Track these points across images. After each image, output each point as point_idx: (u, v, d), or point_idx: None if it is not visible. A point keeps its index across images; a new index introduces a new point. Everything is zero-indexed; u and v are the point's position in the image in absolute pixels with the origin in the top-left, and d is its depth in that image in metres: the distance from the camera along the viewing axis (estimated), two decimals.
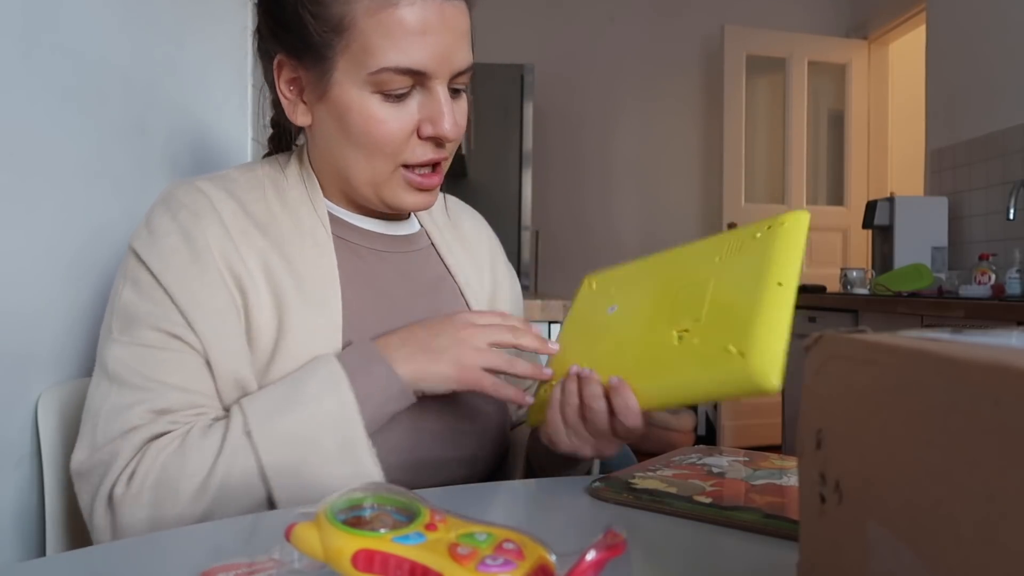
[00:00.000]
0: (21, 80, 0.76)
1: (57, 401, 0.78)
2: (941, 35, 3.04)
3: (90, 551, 0.52)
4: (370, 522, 0.37)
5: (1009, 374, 0.20)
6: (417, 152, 0.69)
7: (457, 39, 0.67)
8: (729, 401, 3.76)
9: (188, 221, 0.67)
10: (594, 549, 0.33)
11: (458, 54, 0.67)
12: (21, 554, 0.75)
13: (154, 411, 0.63)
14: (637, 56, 4.01)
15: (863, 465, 0.28)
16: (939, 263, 2.79)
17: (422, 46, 0.65)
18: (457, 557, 0.34)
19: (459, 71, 0.68)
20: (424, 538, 0.36)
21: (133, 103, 1.02)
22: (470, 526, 0.37)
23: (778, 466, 0.67)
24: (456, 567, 0.34)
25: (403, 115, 0.67)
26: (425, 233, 0.85)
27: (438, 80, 0.67)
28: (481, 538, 0.36)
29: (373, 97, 0.67)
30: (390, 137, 0.67)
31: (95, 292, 0.90)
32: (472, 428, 0.75)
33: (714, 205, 3.94)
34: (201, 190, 0.70)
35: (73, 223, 0.86)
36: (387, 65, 0.65)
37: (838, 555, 0.30)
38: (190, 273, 0.66)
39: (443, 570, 0.34)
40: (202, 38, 1.29)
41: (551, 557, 0.35)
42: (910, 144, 3.68)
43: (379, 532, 0.36)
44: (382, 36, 0.64)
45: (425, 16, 0.64)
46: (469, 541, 0.36)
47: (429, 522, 0.37)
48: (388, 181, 0.71)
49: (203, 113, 1.31)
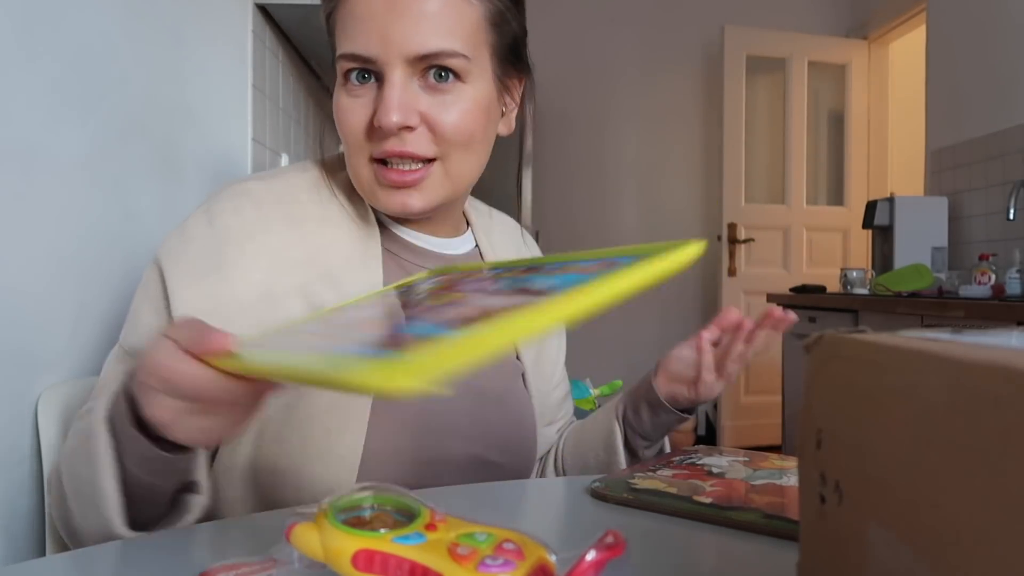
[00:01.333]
0: (21, 80, 0.76)
1: (57, 401, 0.78)
2: (941, 35, 3.04)
3: (90, 551, 0.52)
4: (370, 522, 0.37)
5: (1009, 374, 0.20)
6: (375, 144, 0.66)
7: (413, 22, 0.63)
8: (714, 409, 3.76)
9: (225, 227, 0.67)
10: (594, 549, 0.33)
11: (411, 36, 0.63)
12: (21, 554, 0.75)
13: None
14: (637, 56, 4.01)
15: (863, 465, 0.28)
16: (939, 263, 2.79)
17: (367, 32, 0.64)
18: (457, 557, 0.34)
19: (419, 54, 0.63)
20: (424, 538, 0.36)
21: (133, 103, 1.02)
22: (470, 526, 0.37)
23: (778, 466, 0.67)
24: (456, 567, 0.34)
25: (361, 105, 0.66)
26: (479, 252, 0.83)
27: (389, 66, 0.64)
28: (481, 538, 0.36)
29: (341, 90, 0.67)
30: (349, 127, 0.67)
31: (95, 292, 0.90)
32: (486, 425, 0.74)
33: (714, 205, 3.94)
34: (249, 193, 0.69)
35: (73, 223, 0.86)
36: (340, 52, 0.66)
37: (838, 555, 0.30)
38: (203, 286, 0.65)
39: (443, 570, 0.34)
40: (202, 38, 1.29)
41: (551, 557, 0.35)
42: (910, 144, 3.68)
43: (379, 532, 0.36)
44: (341, 27, 0.66)
45: (374, 3, 0.64)
46: (469, 541, 0.35)
47: (429, 522, 0.37)
48: (367, 178, 0.69)
49: (203, 113, 1.31)
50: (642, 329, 3.91)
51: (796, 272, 3.79)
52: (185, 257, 0.66)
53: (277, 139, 1.76)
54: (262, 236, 0.67)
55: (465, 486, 0.66)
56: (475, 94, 0.67)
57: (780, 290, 3.33)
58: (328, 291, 0.68)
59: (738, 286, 3.75)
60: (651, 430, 0.81)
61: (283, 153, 1.79)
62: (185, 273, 0.66)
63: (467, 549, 0.35)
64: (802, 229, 3.83)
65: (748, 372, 3.79)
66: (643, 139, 4.06)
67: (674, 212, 4.09)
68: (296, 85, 1.93)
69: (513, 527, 0.37)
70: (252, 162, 1.56)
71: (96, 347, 0.89)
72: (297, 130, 1.95)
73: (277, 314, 0.65)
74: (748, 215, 3.75)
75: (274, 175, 0.73)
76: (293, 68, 1.89)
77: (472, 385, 0.73)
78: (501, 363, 0.79)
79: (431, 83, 0.65)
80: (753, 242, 3.76)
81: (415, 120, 0.65)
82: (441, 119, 0.66)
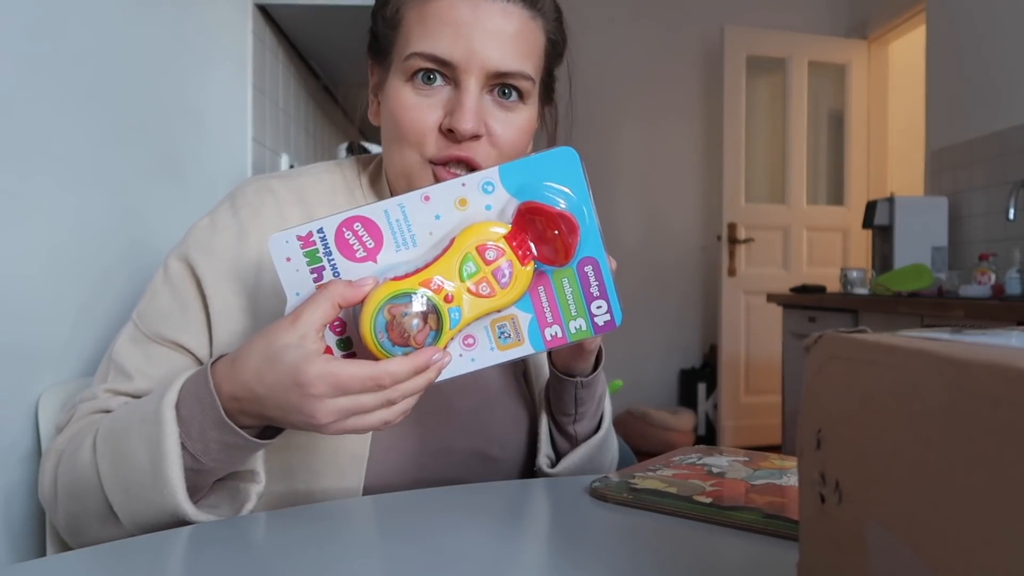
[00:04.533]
0: (21, 80, 0.76)
1: (57, 401, 0.78)
2: (941, 35, 3.04)
3: (90, 551, 0.52)
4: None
5: (1009, 374, 0.20)
6: (442, 146, 0.68)
7: (496, 39, 0.66)
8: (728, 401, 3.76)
9: (248, 220, 0.70)
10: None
11: (491, 53, 0.66)
12: (21, 554, 0.75)
13: (118, 392, 0.67)
14: (637, 56, 4.01)
15: (863, 465, 0.28)
16: (939, 263, 2.79)
17: (452, 37, 0.66)
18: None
19: (496, 71, 0.67)
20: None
21: (134, 103, 1.02)
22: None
23: (778, 466, 0.67)
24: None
25: (429, 106, 0.67)
26: None
27: (468, 75, 0.66)
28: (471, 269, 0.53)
29: (406, 86, 0.68)
30: (412, 125, 0.67)
31: (95, 292, 0.90)
32: (487, 420, 0.76)
33: (714, 205, 3.94)
34: (271, 190, 0.72)
35: (73, 223, 0.86)
36: (415, 50, 0.66)
37: (838, 555, 0.30)
38: (225, 270, 0.68)
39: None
40: (202, 38, 1.29)
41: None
42: (910, 144, 3.67)
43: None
44: (419, 25, 0.67)
45: (461, 10, 0.66)
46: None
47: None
48: (419, 176, 0.70)
49: (203, 113, 1.31)
50: (642, 329, 3.91)
51: (796, 272, 3.79)
52: (212, 244, 0.69)
53: (277, 139, 1.76)
54: (281, 218, 0.70)
55: (467, 486, 0.66)
56: (529, 115, 0.72)
57: (780, 290, 3.33)
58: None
59: (738, 286, 3.75)
60: (567, 403, 0.77)
61: (283, 153, 1.79)
62: (215, 261, 0.68)
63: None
64: (802, 229, 3.83)
65: (748, 372, 3.79)
66: (643, 139, 4.06)
67: (674, 212, 4.09)
68: (296, 85, 1.93)
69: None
70: (252, 162, 1.56)
71: (96, 347, 0.89)
72: (297, 130, 1.95)
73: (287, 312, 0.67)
74: (748, 215, 3.75)
75: (298, 174, 0.76)
76: (293, 68, 1.89)
77: (475, 382, 0.75)
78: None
79: (497, 98, 0.69)
80: (753, 242, 3.76)
81: (483, 130, 0.68)
82: (503, 134, 0.69)
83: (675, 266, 4.09)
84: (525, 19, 0.68)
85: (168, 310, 0.68)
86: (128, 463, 0.57)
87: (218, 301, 0.67)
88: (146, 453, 0.56)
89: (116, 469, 0.58)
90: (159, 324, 0.68)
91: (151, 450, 0.55)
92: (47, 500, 0.64)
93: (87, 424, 0.64)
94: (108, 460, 0.58)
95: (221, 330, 0.67)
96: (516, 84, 0.69)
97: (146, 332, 0.68)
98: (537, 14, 0.70)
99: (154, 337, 0.68)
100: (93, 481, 0.59)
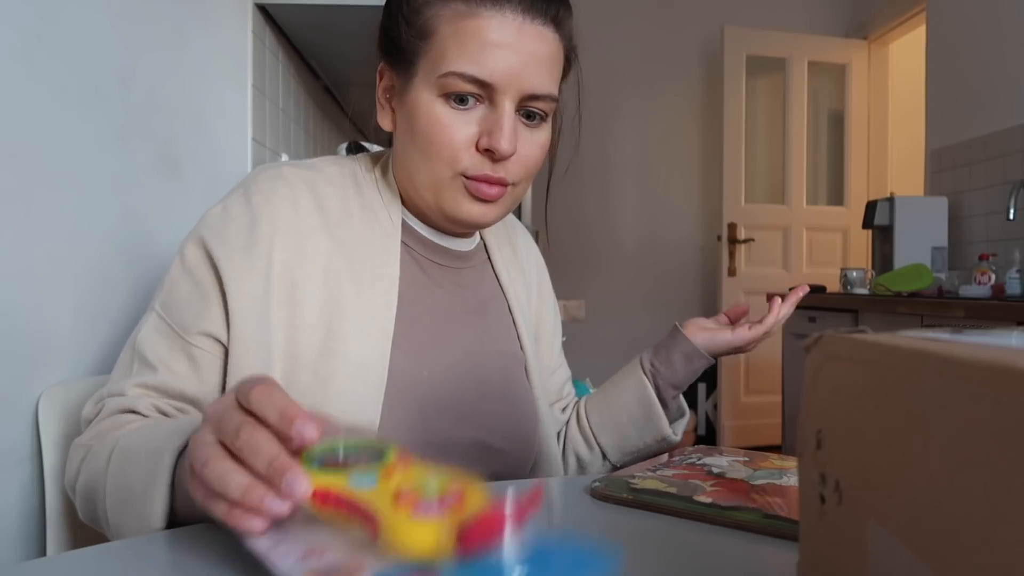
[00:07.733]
0: (21, 80, 0.76)
1: (57, 401, 0.78)
2: (941, 35, 3.04)
3: (90, 551, 0.52)
4: (343, 465, 0.41)
5: (1009, 374, 0.20)
6: (476, 163, 0.69)
7: (532, 62, 0.68)
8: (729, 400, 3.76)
9: (260, 206, 0.70)
10: (509, 503, 0.36)
11: (530, 77, 0.68)
12: (21, 554, 0.75)
13: (145, 386, 0.67)
14: (637, 56, 4.01)
15: (863, 465, 0.28)
16: (939, 263, 2.79)
17: (492, 58, 0.66)
18: (397, 501, 0.37)
19: (530, 94, 0.68)
20: (375, 482, 0.39)
21: (133, 103, 1.02)
22: (428, 474, 0.40)
23: (778, 466, 0.67)
24: (392, 510, 0.37)
25: (464, 123, 0.68)
26: (484, 248, 0.87)
27: (504, 96, 0.68)
28: (432, 486, 0.39)
29: (439, 101, 0.68)
30: (448, 142, 0.68)
31: (95, 292, 0.90)
32: (489, 412, 0.77)
33: (714, 205, 3.94)
34: (284, 177, 0.72)
35: (73, 223, 0.86)
36: (454, 69, 0.67)
37: (838, 555, 0.30)
38: (239, 256, 0.68)
39: (382, 511, 0.37)
40: (202, 38, 1.29)
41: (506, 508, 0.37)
42: (910, 144, 3.68)
43: (338, 473, 0.40)
44: (457, 43, 0.67)
45: (502, 31, 0.66)
46: (417, 488, 0.38)
47: (390, 466, 0.40)
48: (449, 187, 0.71)
49: (203, 113, 1.31)
50: (642, 329, 3.91)
51: (796, 272, 3.79)
52: (226, 230, 0.69)
53: (277, 139, 1.76)
54: (290, 221, 0.70)
55: None
56: (549, 133, 0.75)
57: (780, 290, 3.33)
58: (347, 281, 0.71)
59: (738, 286, 3.75)
60: (683, 379, 0.90)
61: (283, 153, 1.79)
62: (230, 247, 0.68)
63: (410, 495, 0.38)
64: (802, 229, 3.83)
65: (748, 372, 3.79)
66: (643, 139, 4.06)
67: (674, 212, 4.09)
68: (296, 85, 1.93)
69: (478, 480, 0.39)
70: (252, 162, 1.56)
71: (96, 347, 0.89)
72: (297, 130, 1.95)
73: (296, 297, 0.68)
74: (748, 215, 3.75)
75: (310, 164, 0.76)
76: (293, 68, 1.89)
77: (476, 375, 0.76)
78: (504, 354, 0.82)
79: (522, 118, 0.71)
80: (753, 242, 3.76)
81: (515, 149, 0.70)
82: (529, 153, 0.72)
83: (675, 266, 4.09)
84: (556, 43, 0.70)
85: (189, 299, 0.69)
86: (128, 487, 0.57)
87: (234, 287, 0.67)
88: (140, 486, 0.56)
89: (118, 493, 0.58)
90: (181, 314, 0.68)
91: (144, 485, 0.55)
92: (70, 489, 0.65)
93: (112, 425, 0.64)
94: (114, 479, 0.59)
95: (237, 316, 0.67)
96: (544, 107, 0.71)
97: (170, 323, 0.69)
98: (562, 37, 0.72)
99: (178, 328, 0.68)
100: (100, 493, 0.60)
